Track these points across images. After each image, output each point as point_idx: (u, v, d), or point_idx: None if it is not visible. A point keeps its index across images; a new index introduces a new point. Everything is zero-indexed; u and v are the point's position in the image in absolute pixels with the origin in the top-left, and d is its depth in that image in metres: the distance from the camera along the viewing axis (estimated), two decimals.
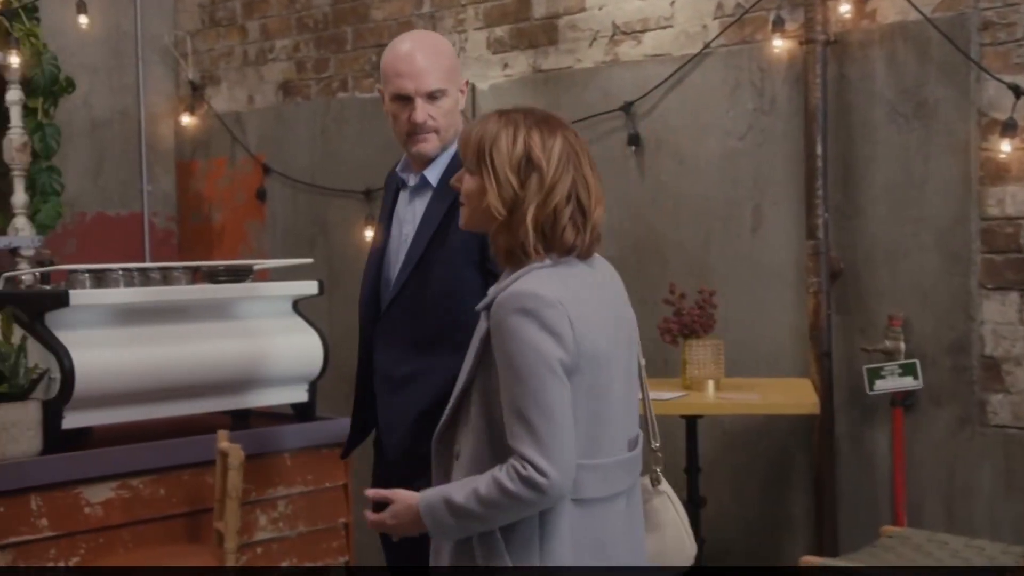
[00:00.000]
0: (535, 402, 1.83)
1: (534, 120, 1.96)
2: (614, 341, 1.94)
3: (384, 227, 2.60)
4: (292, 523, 3.50)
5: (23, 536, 2.99)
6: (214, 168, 5.58)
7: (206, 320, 3.43)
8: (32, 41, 4.66)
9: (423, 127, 2.45)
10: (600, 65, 4.23)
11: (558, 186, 1.91)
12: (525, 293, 1.87)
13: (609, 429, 1.93)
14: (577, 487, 1.87)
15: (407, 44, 2.49)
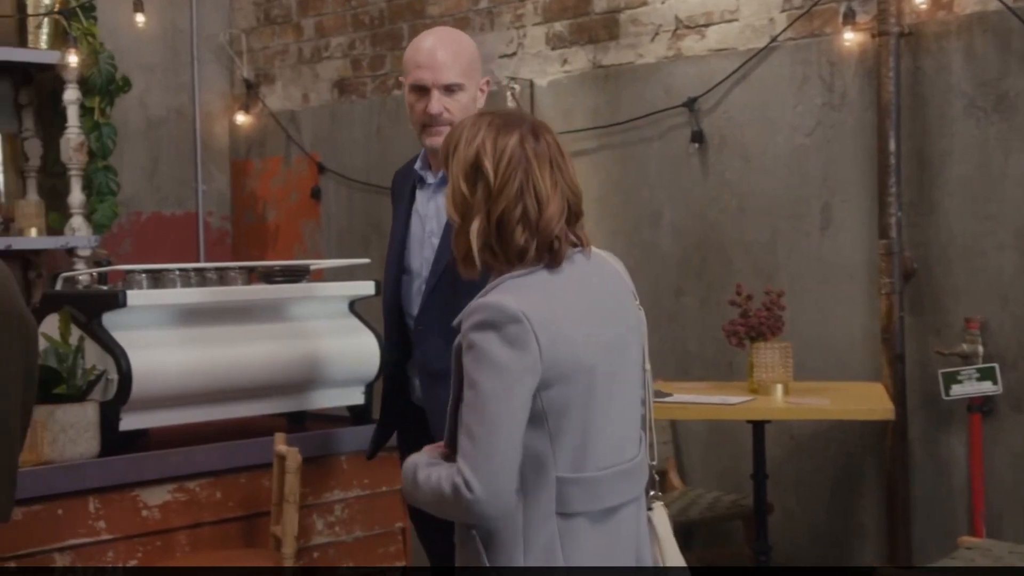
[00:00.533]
0: (482, 419, 1.79)
1: (496, 123, 1.92)
2: (602, 348, 1.87)
3: (403, 223, 2.63)
4: (348, 527, 3.47)
5: (81, 538, 2.99)
6: (268, 167, 5.59)
7: (262, 321, 3.42)
8: (89, 40, 4.68)
9: (437, 119, 2.52)
10: (662, 60, 4.17)
11: (504, 191, 1.87)
12: (489, 305, 1.82)
13: (600, 440, 1.87)
14: (562, 501, 1.84)
15: (430, 39, 2.57)
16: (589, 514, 1.86)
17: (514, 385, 1.78)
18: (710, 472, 4.09)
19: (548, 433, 1.83)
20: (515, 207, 1.86)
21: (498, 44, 4.64)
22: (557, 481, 1.83)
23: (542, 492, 1.83)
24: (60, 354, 3.02)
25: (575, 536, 1.86)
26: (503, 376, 1.78)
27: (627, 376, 1.94)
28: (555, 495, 1.83)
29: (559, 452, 1.83)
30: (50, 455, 2.96)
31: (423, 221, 2.60)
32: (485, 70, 4.62)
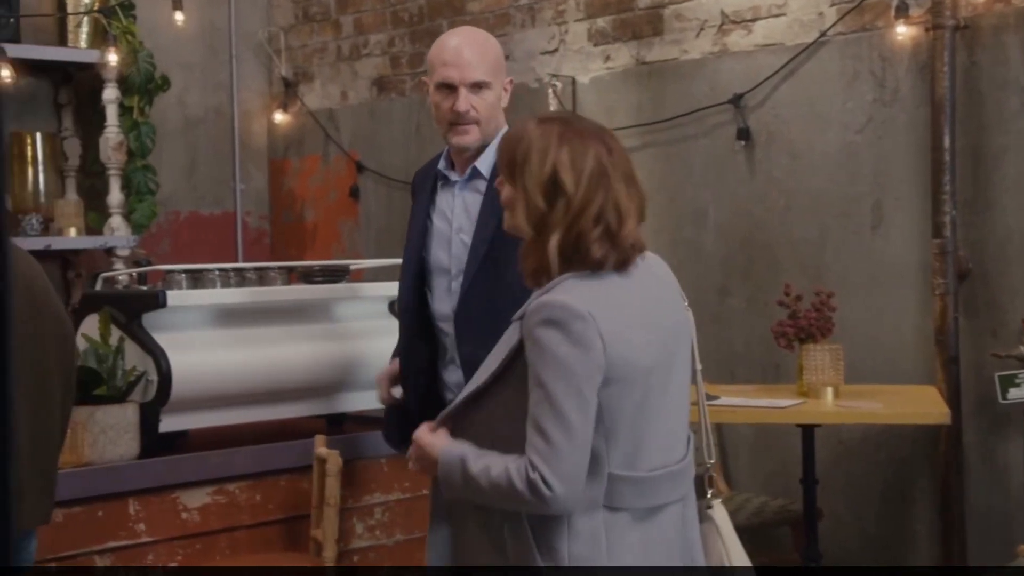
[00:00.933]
0: (554, 415, 1.81)
1: (568, 135, 1.91)
2: (658, 350, 1.89)
3: (421, 221, 2.63)
4: (389, 531, 3.45)
5: (121, 540, 2.99)
6: (307, 166, 5.58)
7: (302, 322, 3.41)
8: (128, 39, 4.69)
9: (465, 116, 2.52)
10: (708, 56, 4.12)
11: (586, 209, 1.87)
12: (554, 304, 1.84)
13: (652, 441, 1.89)
14: (611, 495, 1.86)
15: (455, 38, 2.59)
16: (634, 510, 1.88)
17: (582, 385, 1.81)
18: (756, 476, 4.03)
19: (604, 430, 1.84)
20: (596, 225, 1.87)
21: (539, 41, 4.61)
22: (609, 477, 1.85)
23: (593, 486, 1.85)
24: (100, 355, 3.02)
25: (619, 529, 1.87)
26: (571, 377, 1.81)
27: (678, 378, 1.95)
28: (605, 490, 1.85)
29: (612, 449, 1.85)
30: (90, 456, 2.95)
31: (449, 219, 2.60)
32: (526, 67, 4.62)
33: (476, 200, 2.57)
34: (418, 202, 2.68)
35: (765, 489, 3.98)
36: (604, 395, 1.83)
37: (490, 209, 2.51)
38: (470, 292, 2.52)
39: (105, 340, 3.05)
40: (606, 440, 1.84)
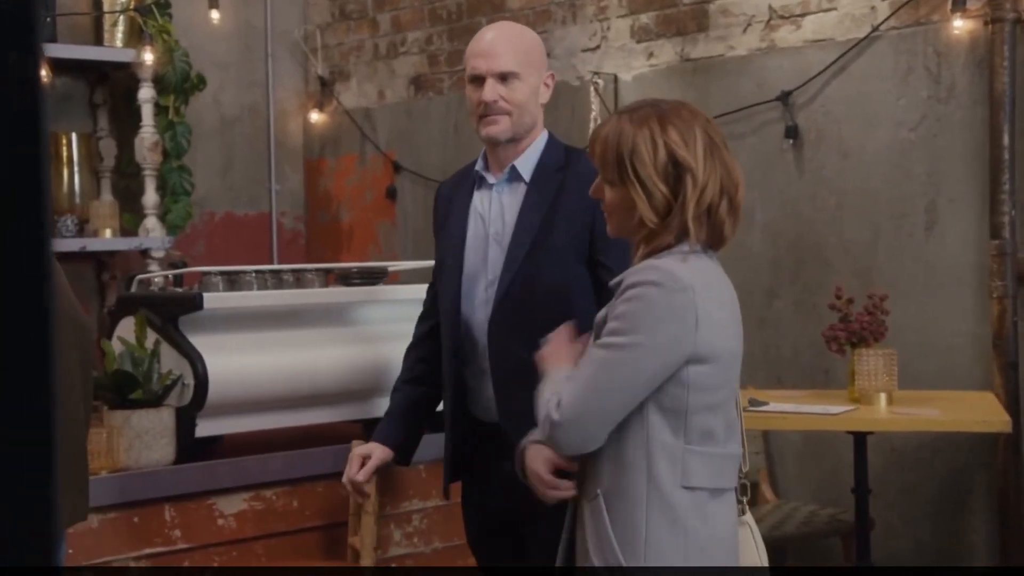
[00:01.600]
0: (610, 368, 1.89)
1: (666, 117, 1.94)
2: (735, 338, 1.97)
3: (462, 225, 2.58)
4: (427, 538, 3.41)
5: (157, 547, 2.97)
6: (343, 166, 5.56)
7: (340, 324, 3.38)
8: (164, 38, 4.68)
9: (492, 106, 2.49)
10: (755, 52, 4.06)
11: (710, 183, 1.91)
12: (662, 268, 1.89)
13: (722, 423, 1.96)
14: (687, 474, 1.91)
15: (491, 32, 2.59)
16: (709, 490, 1.94)
17: (653, 354, 1.87)
18: (805, 484, 3.96)
19: (686, 405, 1.90)
20: (721, 198, 1.92)
21: (581, 38, 4.56)
22: (684, 452, 1.90)
23: (669, 462, 1.91)
24: (136, 358, 3.00)
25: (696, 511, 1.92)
26: (648, 342, 1.87)
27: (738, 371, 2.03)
28: (681, 467, 1.90)
29: (691, 425, 1.91)
30: (126, 461, 2.94)
31: (485, 223, 2.55)
32: (567, 65, 4.57)
33: (514, 203, 2.52)
34: (455, 209, 2.62)
35: (813, 497, 3.92)
36: (693, 372, 1.88)
37: (529, 213, 2.48)
38: (504, 301, 2.48)
39: (141, 343, 3.03)
40: (687, 415, 1.91)
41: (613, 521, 1.92)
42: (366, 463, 2.76)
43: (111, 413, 2.97)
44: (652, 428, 1.91)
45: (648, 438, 1.91)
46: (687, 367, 1.89)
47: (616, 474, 1.93)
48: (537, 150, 2.55)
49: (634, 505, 1.91)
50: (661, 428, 1.91)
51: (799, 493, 3.97)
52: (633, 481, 1.91)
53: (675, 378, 1.89)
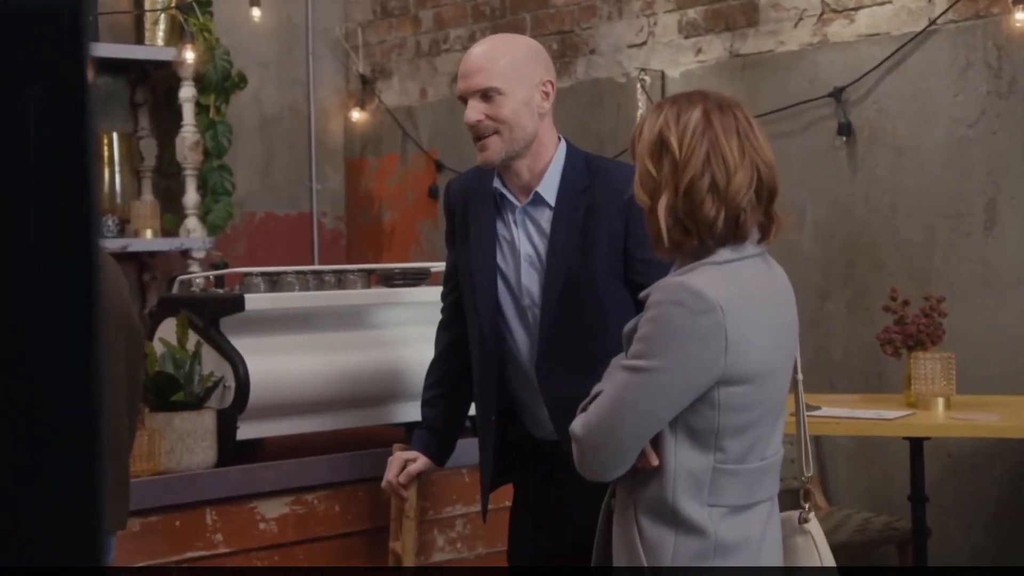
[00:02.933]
0: (629, 384, 1.86)
1: (678, 99, 1.94)
2: (776, 349, 1.93)
3: (491, 246, 2.53)
4: (471, 544, 3.41)
5: (199, 551, 2.99)
6: (384, 165, 5.58)
7: (382, 326, 3.39)
8: (205, 36, 4.72)
9: (477, 128, 2.42)
10: (806, 48, 4.03)
11: (691, 162, 1.87)
12: (688, 287, 1.85)
13: (758, 439, 1.93)
14: (716, 493, 1.89)
15: (477, 47, 2.51)
16: (735, 507, 1.92)
17: (675, 379, 1.84)
18: (858, 491, 3.92)
19: (716, 426, 1.87)
20: (702, 176, 1.87)
21: (627, 33, 4.54)
22: (714, 472, 1.89)
23: (696, 482, 1.89)
24: (177, 360, 3.02)
25: (723, 524, 1.90)
26: (670, 366, 1.84)
27: (786, 379, 2.01)
28: (709, 486, 1.89)
29: (722, 445, 1.89)
30: (167, 464, 2.96)
31: (515, 245, 2.51)
32: (613, 61, 4.56)
33: (542, 226, 2.48)
34: (475, 225, 2.57)
35: (866, 504, 3.88)
36: (724, 393, 1.86)
37: (561, 242, 2.44)
38: (549, 327, 2.46)
39: (182, 345, 3.05)
40: (717, 435, 1.88)
41: (642, 532, 1.93)
42: (407, 467, 2.77)
43: (152, 415, 2.99)
44: (680, 448, 1.90)
45: (676, 458, 1.90)
46: (717, 388, 1.85)
47: (645, 489, 1.93)
48: (557, 170, 2.48)
49: (662, 520, 1.91)
50: (689, 448, 1.89)
51: (851, 499, 3.94)
52: (661, 498, 1.91)
53: (704, 399, 1.87)
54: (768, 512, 1.98)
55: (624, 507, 1.97)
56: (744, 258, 1.91)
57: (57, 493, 0.66)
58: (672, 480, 1.89)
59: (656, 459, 1.90)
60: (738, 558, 1.92)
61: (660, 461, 1.90)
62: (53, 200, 0.66)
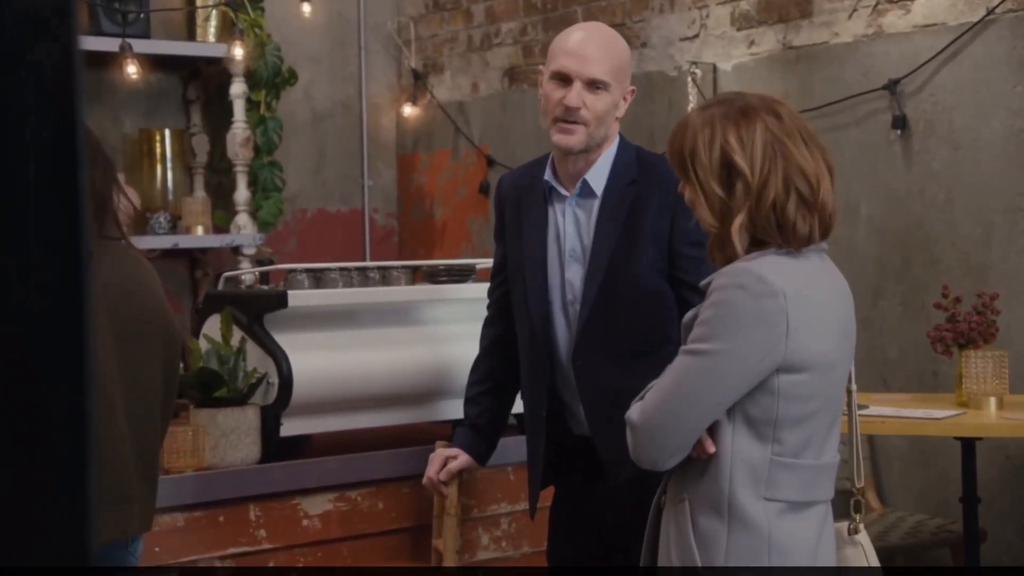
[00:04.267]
0: (690, 368, 1.88)
1: (731, 114, 1.92)
2: (837, 343, 1.95)
3: (541, 240, 2.56)
4: (516, 543, 3.45)
5: (242, 547, 3.06)
6: (436, 161, 5.63)
7: (426, 323, 3.43)
8: (256, 32, 4.80)
9: (573, 113, 2.44)
10: (861, 39, 4.01)
11: (768, 184, 1.88)
12: (752, 272, 1.87)
13: (814, 434, 1.94)
14: (772, 486, 1.90)
15: (582, 32, 2.54)
16: (791, 503, 1.92)
17: (738, 362, 1.86)
18: (912, 493, 3.91)
19: (775, 415, 1.89)
20: (787, 195, 1.89)
21: (679, 26, 4.56)
22: (771, 464, 1.90)
23: (753, 473, 1.91)
24: (222, 356, 3.09)
25: (779, 522, 1.92)
26: (733, 349, 1.86)
27: (844, 380, 2.02)
28: (766, 479, 1.90)
29: (780, 436, 1.90)
30: (211, 460, 3.03)
31: (561, 240, 2.55)
32: (664, 54, 4.57)
33: (588, 219, 2.52)
34: (528, 221, 2.61)
35: (920, 507, 3.86)
36: (784, 380, 1.87)
37: (605, 234, 2.47)
38: (587, 322, 2.49)
39: (226, 341, 3.12)
40: (775, 425, 1.90)
41: (696, 527, 1.94)
42: (448, 464, 2.82)
43: (197, 411, 3.07)
44: (738, 437, 1.91)
45: (733, 447, 1.91)
46: (777, 375, 1.87)
47: (700, 481, 1.94)
48: (608, 160, 2.52)
49: (716, 513, 1.92)
50: (747, 438, 1.91)
51: (906, 501, 3.92)
52: (717, 489, 1.92)
53: (764, 387, 1.88)
54: (824, 516, 1.99)
55: (677, 501, 1.98)
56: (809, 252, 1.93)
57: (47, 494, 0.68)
58: (728, 470, 1.91)
59: (713, 446, 1.92)
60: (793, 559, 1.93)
61: (716, 450, 1.92)
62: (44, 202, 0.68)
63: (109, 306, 2.38)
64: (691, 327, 1.94)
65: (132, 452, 2.45)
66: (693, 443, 1.92)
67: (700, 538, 1.93)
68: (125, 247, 2.47)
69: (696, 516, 1.94)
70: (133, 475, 2.46)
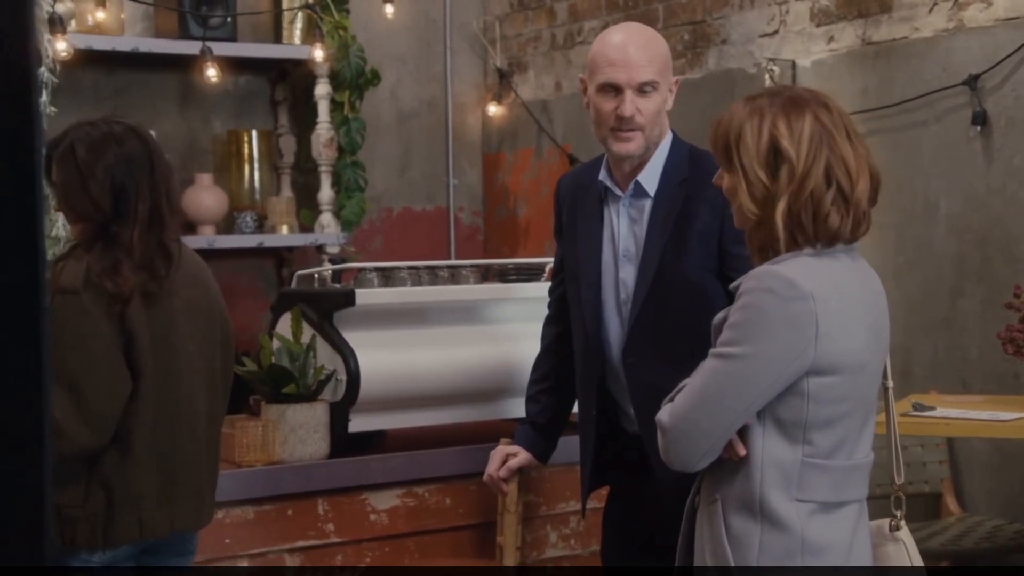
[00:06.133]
0: (718, 371, 1.91)
1: (781, 103, 1.94)
2: (867, 344, 1.94)
3: (596, 240, 2.60)
4: (585, 541, 3.48)
5: (311, 540, 3.15)
6: (520, 160, 5.68)
7: (494, 321, 3.48)
8: (340, 34, 4.91)
9: (629, 121, 2.47)
10: (941, 34, 3.95)
11: (811, 173, 1.89)
12: (780, 275, 1.88)
13: (846, 436, 1.95)
14: (803, 487, 1.92)
15: (620, 35, 2.55)
16: (823, 504, 1.94)
17: (766, 365, 1.88)
18: (994, 498, 3.84)
19: (805, 417, 1.91)
20: (827, 187, 1.90)
21: (759, 23, 4.54)
22: (802, 465, 1.92)
23: (783, 475, 1.92)
24: (292, 353, 3.19)
25: (811, 523, 1.93)
26: (761, 352, 1.88)
27: (877, 381, 2.03)
28: (797, 480, 1.92)
29: (811, 438, 1.92)
30: (280, 455, 3.12)
31: (615, 240, 2.58)
32: (744, 51, 4.55)
33: (641, 219, 2.55)
34: (584, 221, 2.66)
35: (1002, 512, 3.80)
36: (814, 383, 1.89)
37: (657, 233, 2.50)
38: (638, 321, 2.53)
39: (297, 338, 3.22)
40: (805, 427, 1.91)
41: (728, 528, 1.96)
42: (508, 461, 2.88)
43: (267, 407, 3.16)
44: (768, 439, 1.93)
45: (764, 449, 1.93)
46: (806, 378, 1.89)
47: (733, 482, 1.97)
48: (660, 159, 2.55)
49: (749, 514, 1.95)
50: (777, 440, 1.93)
51: (986, 506, 3.85)
52: (748, 491, 1.94)
53: (793, 389, 1.90)
54: (857, 515, 2.01)
55: (710, 502, 2.01)
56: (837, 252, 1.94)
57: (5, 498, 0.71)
58: (759, 472, 1.93)
59: (743, 449, 1.94)
60: (826, 560, 1.94)
61: (747, 452, 1.94)
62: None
63: (188, 310, 2.49)
64: (720, 329, 1.96)
65: (205, 445, 2.55)
66: (723, 445, 1.94)
67: (733, 539, 1.95)
68: (187, 251, 2.58)
69: (729, 517, 1.96)
70: (204, 468, 2.56)
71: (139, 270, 2.37)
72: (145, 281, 2.38)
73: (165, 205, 2.43)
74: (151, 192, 2.40)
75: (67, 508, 2.38)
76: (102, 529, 2.39)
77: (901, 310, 3.93)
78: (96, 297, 2.33)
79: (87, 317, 2.32)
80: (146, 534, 2.44)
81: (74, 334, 2.31)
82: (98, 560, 2.45)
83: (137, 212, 2.38)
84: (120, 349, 2.35)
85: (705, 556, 2.01)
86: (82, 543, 2.39)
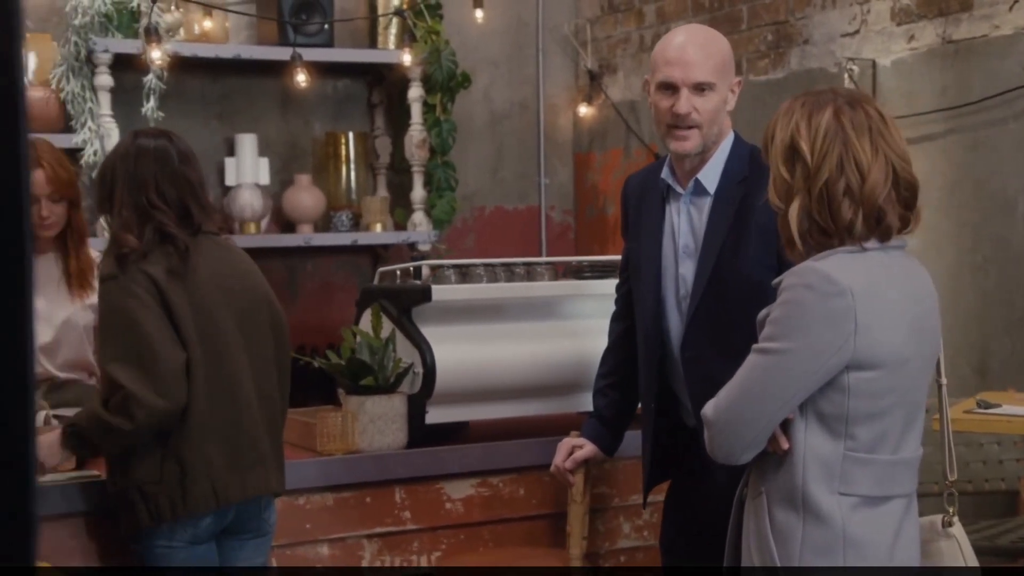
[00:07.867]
0: (759, 365, 1.93)
1: (808, 100, 1.97)
2: (910, 340, 1.94)
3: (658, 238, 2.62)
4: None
5: (388, 527, 3.23)
6: (609, 160, 5.70)
7: (569, 317, 3.52)
8: (433, 38, 5.00)
9: (685, 119, 2.49)
10: (1021, 31, 3.86)
11: (823, 168, 1.92)
12: (819, 271, 1.90)
13: (889, 430, 1.95)
14: (846, 481, 1.93)
15: (680, 36, 2.57)
16: (866, 498, 1.95)
17: (806, 360, 1.90)
18: None
19: (847, 411, 1.92)
20: (837, 180, 1.92)
21: (840, 23, 4.49)
22: (844, 459, 1.93)
23: (825, 468, 1.94)
24: (371, 347, 3.27)
25: (853, 516, 1.94)
26: (800, 347, 1.90)
27: (925, 377, 2.03)
28: (839, 473, 1.93)
29: (853, 432, 1.93)
30: (359, 444, 3.21)
31: (675, 236, 2.61)
32: (825, 51, 4.51)
33: (701, 216, 2.58)
34: (646, 218, 2.69)
35: None
36: (855, 378, 1.90)
37: (716, 229, 2.53)
38: (695, 319, 2.55)
39: (377, 333, 3.30)
40: (848, 421, 1.92)
41: (773, 521, 1.98)
42: (574, 452, 2.92)
43: (348, 398, 3.26)
44: (810, 433, 1.95)
45: (806, 443, 1.95)
46: (847, 373, 1.90)
47: (776, 475, 1.99)
48: (721, 158, 2.57)
49: (792, 507, 1.96)
50: (819, 433, 1.94)
51: None
52: (791, 484, 1.96)
53: (834, 384, 1.91)
54: (904, 510, 2.00)
55: (756, 495, 2.03)
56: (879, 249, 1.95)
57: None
58: (801, 465, 1.94)
59: (786, 443, 1.96)
60: (869, 555, 1.95)
61: (790, 446, 1.96)
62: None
63: (220, 287, 2.63)
64: (763, 325, 1.97)
65: (261, 419, 2.67)
66: (766, 439, 1.95)
67: (777, 532, 1.97)
68: (224, 240, 2.74)
69: (773, 510, 1.98)
70: (265, 438, 2.68)
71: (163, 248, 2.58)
72: (169, 255, 2.57)
73: (190, 198, 2.64)
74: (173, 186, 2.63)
75: (146, 484, 2.50)
76: (181, 500, 2.51)
77: (978, 308, 3.86)
78: (133, 276, 2.53)
79: (129, 295, 2.52)
80: (221, 501, 2.56)
81: (123, 313, 2.52)
82: (180, 540, 2.56)
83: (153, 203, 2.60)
84: (165, 320, 2.52)
85: (752, 553, 2.02)
86: (164, 517, 2.51)
